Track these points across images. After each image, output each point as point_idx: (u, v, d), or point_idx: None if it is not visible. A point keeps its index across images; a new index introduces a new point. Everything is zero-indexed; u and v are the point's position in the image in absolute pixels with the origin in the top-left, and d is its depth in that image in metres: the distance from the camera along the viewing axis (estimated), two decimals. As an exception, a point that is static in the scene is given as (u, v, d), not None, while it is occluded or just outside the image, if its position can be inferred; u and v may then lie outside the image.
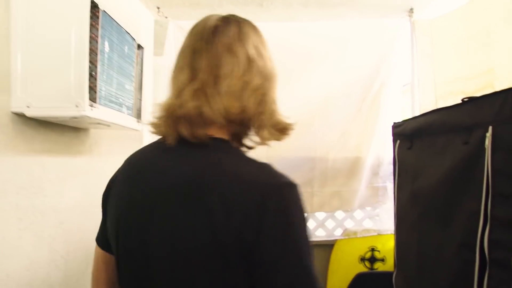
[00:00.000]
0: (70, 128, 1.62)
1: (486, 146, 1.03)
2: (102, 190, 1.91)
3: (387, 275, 2.64)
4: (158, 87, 2.38)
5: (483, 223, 1.03)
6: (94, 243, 1.85)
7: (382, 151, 2.66)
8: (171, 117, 0.88)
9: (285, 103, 2.64)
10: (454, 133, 1.20)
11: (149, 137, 2.47)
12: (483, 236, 1.02)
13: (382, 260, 2.66)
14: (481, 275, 1.03)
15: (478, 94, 1.45)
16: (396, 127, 1.72)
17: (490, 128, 1.02)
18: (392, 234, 2.68)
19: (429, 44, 2.34)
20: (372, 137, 2.64)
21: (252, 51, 0.90)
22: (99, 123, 1.46)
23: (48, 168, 1.49)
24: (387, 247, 2.68)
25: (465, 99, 1.18)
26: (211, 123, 0.88)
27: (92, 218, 1.82)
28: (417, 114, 2.68)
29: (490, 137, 1.01)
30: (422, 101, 2.56)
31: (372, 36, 2.62)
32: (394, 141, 1.72)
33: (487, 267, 1.00)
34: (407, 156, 1.54)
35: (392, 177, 2.68)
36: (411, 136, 1.53)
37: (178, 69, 0.94)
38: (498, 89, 1.18)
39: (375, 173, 2.68)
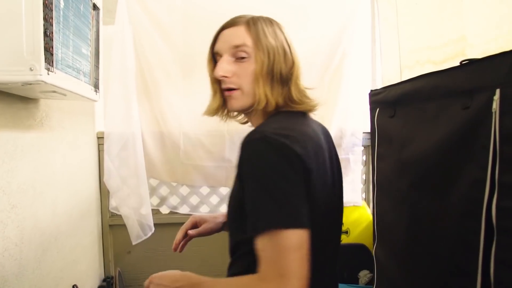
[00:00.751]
0: (17, 98, 1.42)
1: (493, 110, 0.97)
2: (53, 169, 1.75)
3: (352, 247, 2.64)
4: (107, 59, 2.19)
5: (489, 191, 0.98)
6: (49, 229, 1.68)
7: (344, 123, 2.61)
8: None
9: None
10: (449, 98, 1.14)
11: (102, 110, 2.29)
12: (490, 204, 0.97)
13: (346, 232, 2.64)
14: (487, 244, 0.98)
15: (448, 63, 1.40)
16: (374, 95, 1.65)
17: (498, 91, 0.96)
18: (354, 206, 2.68)
19: (394, 13, 2.28)
20: (335, 108, 2.57)
21: None
22: (54, 91, 1.29)
23: (-5, 144, 1.30)
24: (350, 219, 2.65)
25: (465, 62, 1.11)
26: None
27: (45, 201, 1.65)
28: (379, 85, 2.66)
29: (498, 101, 0.95)
30: (385, 71, 2.52)
31: (333, 4, 2.54)
32: (373, 110, 1.65)
33: (495, 236, 0.96)
34: (390, 125, 1.48)
35: (354, 149, 2.68)
36: (394, 104, 1.46)
37: None
38: (471, 57, 1.13)
39: (337, 145, 2.59)
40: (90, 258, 2.25)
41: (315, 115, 1.27)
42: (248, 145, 0.96)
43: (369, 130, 2.66)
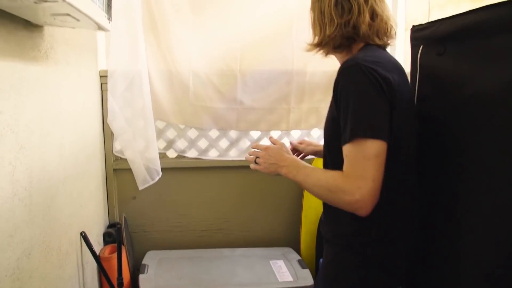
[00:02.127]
0: (21, 24, 1.24)
1: None
2: (59, 108, 1.59)
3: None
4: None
5: None
6: (57, 172, 1.54)
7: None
8: None
9: (258, 6, 2.35)
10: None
11: (104, 47, 2.10)
12: None
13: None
14: None
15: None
16: (417, 30, 1.49)
17: None
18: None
19: None
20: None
21: None
22: (68, 14, 1.11)
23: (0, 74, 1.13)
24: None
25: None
26: None
27: (52, 142, 1.50)
28: (402, 26, 2.49)
29: None
30: (409, 11, 2.36)
31: None
32: (415, 47, 1.49)
33: None
34: (439, 63, 1.34)
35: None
36: (444, 40, 1.31)
37: None
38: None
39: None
40: (95, 204, 2.13)
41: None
42: (343, 70, 1.16)
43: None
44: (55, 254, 1.51)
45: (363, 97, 1.11)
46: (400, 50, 2.42)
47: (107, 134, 2.31)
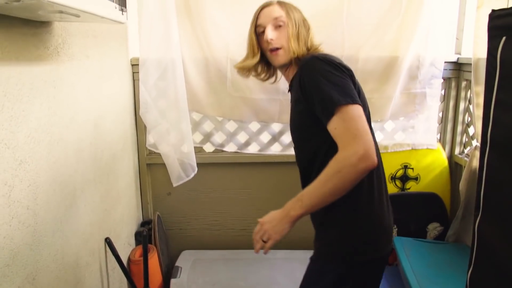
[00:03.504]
0: (22, 23, 1.08)
1: None
2: (75, 108, 1.44)
3: (421, 196, 2.30)
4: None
5: None
6: (72, 180, 1.40)
7: (424, 50, 2.16)
8: None
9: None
10: None
11: (136, 33, 1.93)
12: None
13: (416, 179, 2.29)
14: None
15: None
16: (499, 16, 1.20)
17: None
18: (428, 149, 2.30)
19: None
20: (414, 31, 2.11)
21: None
22: (61, 12, 0.93)
23: (-10, 84, 0.98)
24: (422, 164, 2.29)
25: None
26: None
27: (65, 148, 1.35)
28: (472, 5, 2.15)
29: None
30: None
31: None
32: (494, 38, 1.21)
33: None
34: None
35: (432, 81, 2.24)
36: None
37: None
38: None
39: (413, 76, 2.20)
40: (126, 203, 2.00)
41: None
42: (303, 66, 1.31)
43: (451, 59, 2.25)
44: (71, 270, 1.38)
45: (329, 76, 1.23)
46: (469, 36, 2.10)
47: (140, 127, 2.18)
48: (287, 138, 2.30)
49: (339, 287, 1.33)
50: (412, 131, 2.31)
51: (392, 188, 2.28)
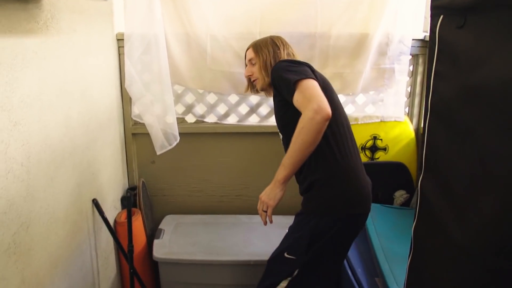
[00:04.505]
0: (13, -1, 1.21)
1: None
2: (64, 78, 1.57)
3: (389, 165, 2.47)
4: None
5: None
6: (62, 144, 1.54)
7: (392, 27, 2.29)
8: None
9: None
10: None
11: (121, 9, 2.05)
12: None
13: (384, 149, 2.45)
14: None
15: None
16: (438, -3, 1.34)
17: None
18: (396, 121, 2.45)
19: None
20: (383, 9, 2.24)
21: None
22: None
23: (-13, 54, 1.11)
24: (390, 135, 2.45)
25: None
26: None
27: (55, 115, 1.49)
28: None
29: None
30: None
31: None
32: (434, 16, 1.35)
33: None
34: (457, 37, 1.19)
35: (401, 57, 2.38)
36: (465, 10, 1.16)
37: None
38: None
39: (382, 52, 2.34)
40: (112, 169, 2.15)
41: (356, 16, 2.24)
42: (272, 70, 1.70)
43: (419, 37, 2.39)
44: (61, 224, 1.53)
45: (288, 67, 1.61)
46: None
47: (126, 99, 2.30)
48: (264, 110, 2.44)
49: (314, 236, 1.58)
50: (381, 104, 2.46)
51: (362, 158, 2.41)
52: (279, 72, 1.61)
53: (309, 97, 1.48)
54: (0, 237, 1.16)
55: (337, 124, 1.63)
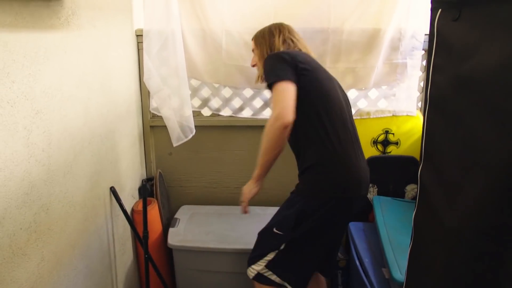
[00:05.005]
0: (36, -5, 1.30)
1: None
2: (83, 70, 1.67)
3: (401, 159, 2.50)
4: None
5: None
6: (81, 133, 1.64)
7: (405, 23, 2.33)
8: None
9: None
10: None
11: (140, 6, 2.14)
12: None
13: (396, 143, 2.48)
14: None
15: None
16: (437, -9, 1.38)
17: None
18: (408, 116, 2.48)
19: None
20: (395, 5, 2.27)
21: None
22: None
23: (11, 47, 1.20)
24: (402, 129, 2.48)
25: None
26: None
27: (75, 105, 1.58)
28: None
29: None
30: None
31: None
32: (434, 10, 1.39)
33: None
34: (453, 30, 1.24)
35: (413, 52, 2.41)
36: (460, 4, 1.20)
37: None
38: None
39: (394, 47, 2.38)
40: (130, 159, 2.24)
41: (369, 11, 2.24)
42: (265, 59, 1.81)
43: (432, 32, 2.41)
44: (79, 209, 1.63)
45: (272, 65, 1.73)
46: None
47: (144, 92, 2.39)
48: (278, 104, 2.50)
49: (301, 216, 1.69)
50: (393, 99, 2.49)
51: (373, 152, 2.49)
52: (265, 69, 1.75)
53: (276, 101, 1.63)
54: (22, 216, 1.26)
55: (327, 111, 1.71)
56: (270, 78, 1.68)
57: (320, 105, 1.71)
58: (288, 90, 1.62)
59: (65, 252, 1.53)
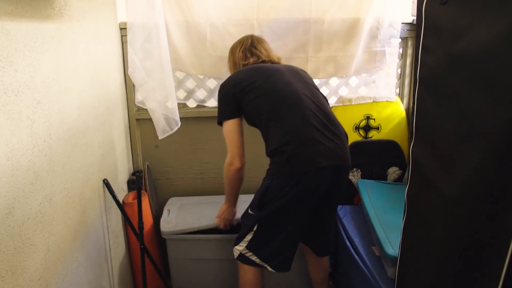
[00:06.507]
0: (34, -15, 1.30)
1: None
2: (77, 62, 1.66)
3: (382, 143, 2.58)
4: None
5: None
6: (76, 124, 1.64)
7: (383, 12, 2.41)
8: None
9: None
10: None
11: (123, 1, 2.13)
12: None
13: (377, 128, 2.57)
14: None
15: None
16: (424, -23, 1.46)
17: None
18: (387, 101, 2.57)
19: None
20: (373, -5, 2.36)
21: None
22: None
23: (13, 36, 1.20)
24: (382, 115, 2.57)
25: None
26: None
27: (70, 96, 1.58)
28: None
29: None
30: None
31: None
32: (421, -6, 1.46)
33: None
34: (441, 13, 1.31)
35: (391, 41, 2.50)
36: (447, -12, 1.28)
37: None
38: None
39: (373, 36, 2.46)
40: (119, 152, 2.24)
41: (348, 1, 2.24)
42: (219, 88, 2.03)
43: (408, 21, 2.50)
44: (77, 200, 1.63)
45: (220, 101, 1.97)
46: None
47: (129, 85, 2.39)
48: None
49: (267, 194, 1.83)
50: (373, 86, 2.57)
51: (356, 137, 2.56)
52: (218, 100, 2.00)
53: (228, 146, 1.93)
54: (29, 206, 1.26)
55: (278, 101, 1.85)
56: (218, 116, 1.96)
57: (268, 108, 1.87)
58: (232, 132, 1.91)
59: (67, 244, 1.53)
